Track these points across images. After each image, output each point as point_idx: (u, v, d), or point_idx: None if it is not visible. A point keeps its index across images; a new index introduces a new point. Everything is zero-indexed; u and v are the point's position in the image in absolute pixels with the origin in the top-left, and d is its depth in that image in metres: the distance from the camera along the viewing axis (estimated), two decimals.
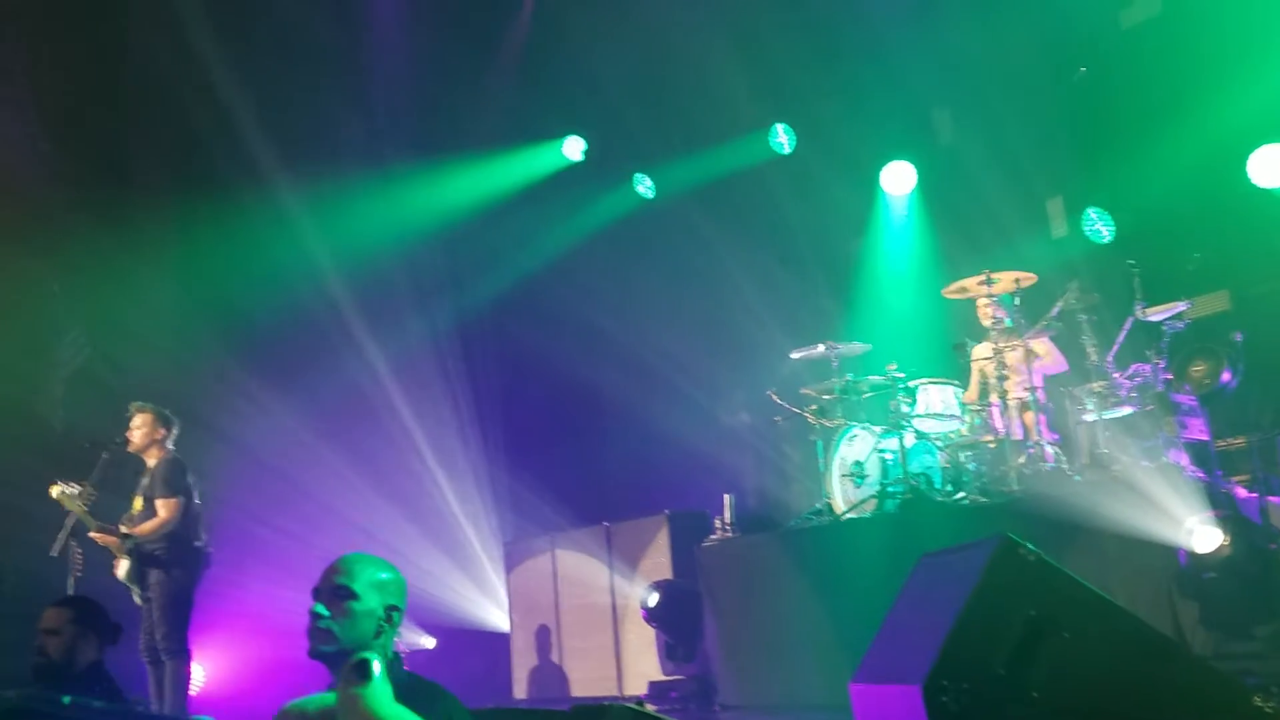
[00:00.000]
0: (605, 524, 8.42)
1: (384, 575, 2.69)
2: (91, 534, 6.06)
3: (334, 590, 2.61)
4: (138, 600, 6.14)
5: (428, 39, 9.55)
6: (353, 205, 9.15)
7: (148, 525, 6.11)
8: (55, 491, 6.02)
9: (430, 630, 9.34)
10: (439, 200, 9.75)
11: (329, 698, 2.56)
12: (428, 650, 9.29)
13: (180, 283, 8.55)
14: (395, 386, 9.36)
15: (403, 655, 2.69)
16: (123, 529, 6.10)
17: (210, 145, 8.60)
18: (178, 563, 6.14)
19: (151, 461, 6.33)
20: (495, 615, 9.52)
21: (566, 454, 9.81)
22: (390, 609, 2.65)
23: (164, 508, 6.12)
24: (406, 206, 9.55)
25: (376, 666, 2.51)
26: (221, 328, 8.61)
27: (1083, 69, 8.05)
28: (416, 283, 9.66)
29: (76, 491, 6.03)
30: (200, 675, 7.62)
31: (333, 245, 9.02)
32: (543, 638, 8.76)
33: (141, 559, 6.08)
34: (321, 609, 2.59)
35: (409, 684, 2.61)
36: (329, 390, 9.06)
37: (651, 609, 7.44)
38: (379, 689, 2.47)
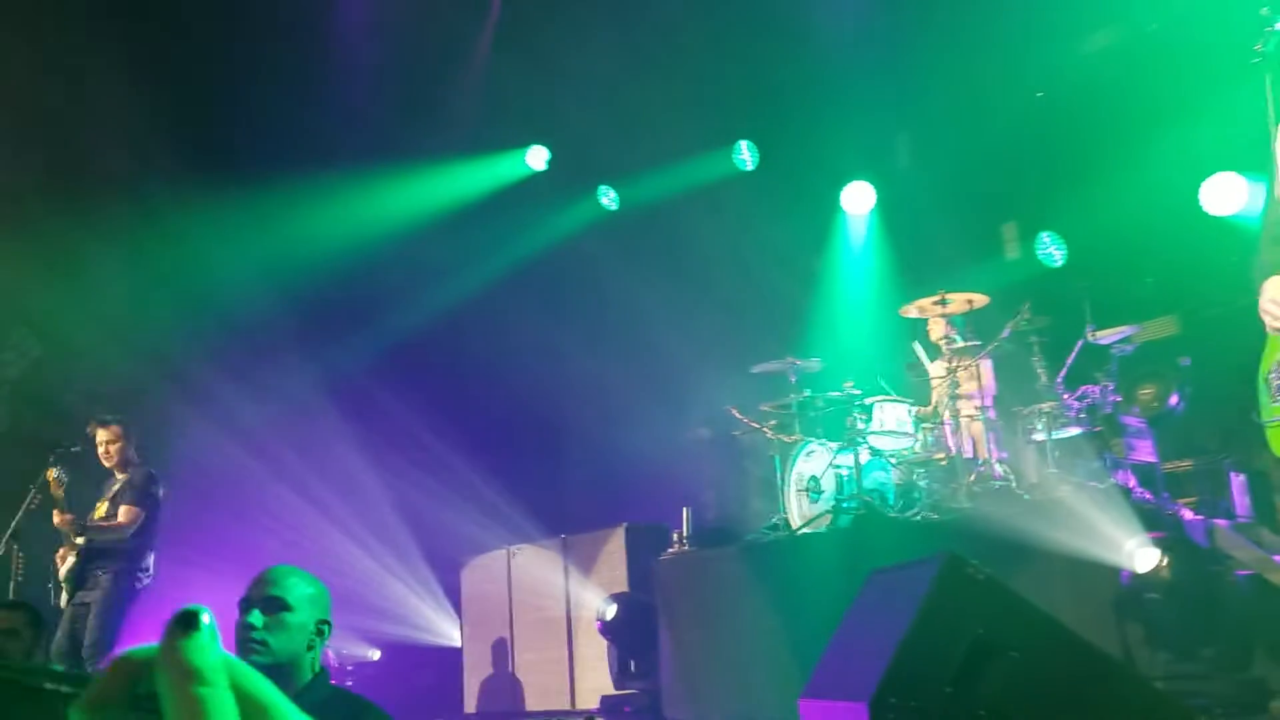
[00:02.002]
0: (562, 536, 8.39)
1: (313, 589, 2.66)
2: (56, 518, 5.98)
3: (267, 601, 2.56)
4: (64, 603, 6.05)
5: (391, 45, 9.50)
6: (308, 210, 9.04)
7: (108, 524, 6.05)
8: (52, 474, 5.98)
9: (380, 644, 9.23)
10: (396, 207, 9.69)
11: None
12: (375, 663, 9.18)
13: (130, 284, 8.42)
14: (348, 396, 9.25)
15: (333, 668, 2.66)
16: (82, 523, 6.05)
17: (164, 146, 8.46)
18: (126, 570, 6.06)
19: (121, 473, 6.28)
20: (448, 628, 9.44)
21: (525, 465, 9.76)
22: (320, 623, 2.61)
23: (126, 514, 6.07)
24: (363, 213, 9.47)
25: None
26: (171, 332, 8.47)
27: (1040, 94, 8.18)
28: (372, 290, 9.57)
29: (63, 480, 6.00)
30: None
31: (285, 251, 8.91)
32: (496, 651, 8.69)
33: (89, 557, 5.99)
34: (256, 619, 2.53)
35: (334, 699, 2.56)
36: (279, 398, 8.94)
37: (608, 622, 7.41)
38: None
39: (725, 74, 9.12)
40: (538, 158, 10.43)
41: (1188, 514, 5.89)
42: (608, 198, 10.27)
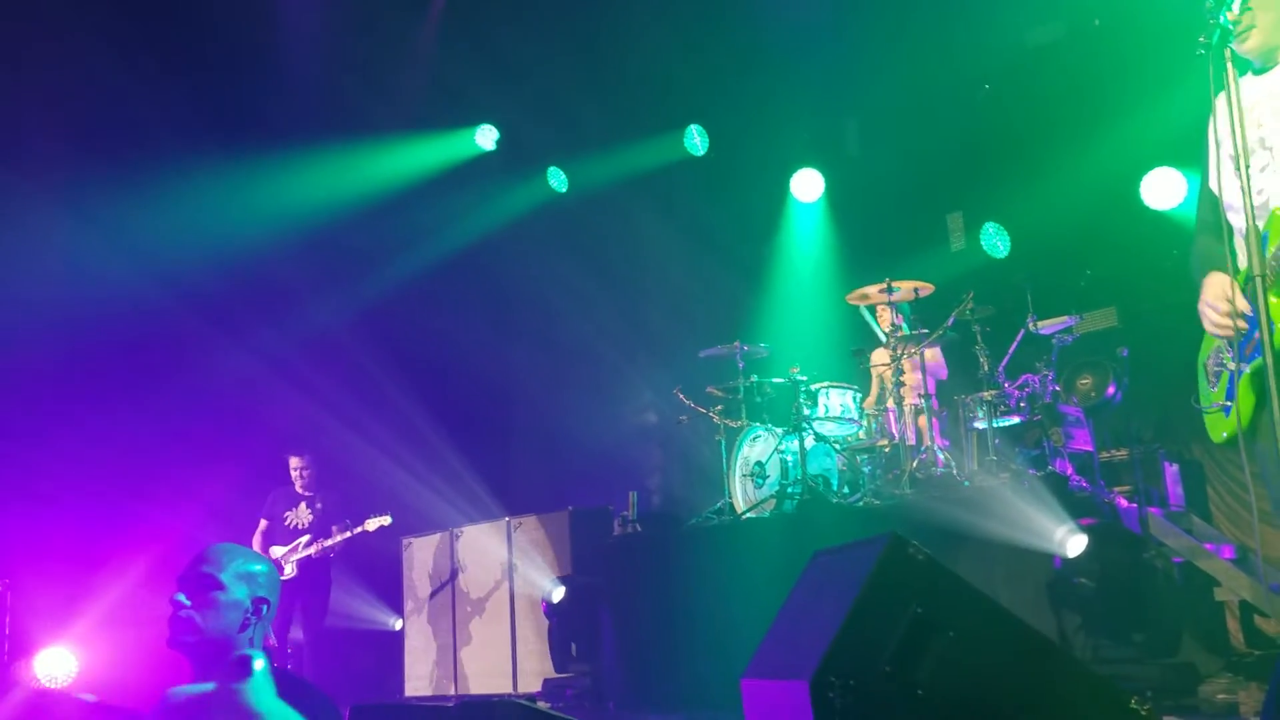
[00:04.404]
0: (507, 518, 8.36)
1: (253, 566, 2.61)
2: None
3: (198, 579, 2.54)
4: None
5: (340, 20, 9.32)
6: (251, 187, 8.85)
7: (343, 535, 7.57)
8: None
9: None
10: (342, 185, 9.51)
11: (209, 686, 2.48)
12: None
13: (71, 261, 8.24)
14: (290, 376, 9.09)
15: (272, 650, 2.63)
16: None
17: (111, 122, 8.27)
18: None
19: (312, 490, 7.70)
20: (390, 609, 9.36)
21: (470, 447, 9.69)
22: (258, 601, 2.58)
23: (340, 526, 7.54)
24: (312, 189, 9.30)
25: (259, 663, 2.44)
26: (108, 311, 8.28)
27: (986, 86, 8.27)
28: (316, 269, 9.42)
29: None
30: (73, 663, 7.31)
31: (227, 229, 8.72)
32: (438, 633, 8.65)
33: (320, 560, 7.65)
34: (183, 598, 2.52)
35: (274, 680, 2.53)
36: (218, 377, 8.78)
37: (554, 604, 7.40)
38: (259, 685, 2.42)
39: (676, 59, 9.08)
40: (487, 138, 10.30)
41: (1123, 502, 6.01)
42: (556, 180, 10.20)
